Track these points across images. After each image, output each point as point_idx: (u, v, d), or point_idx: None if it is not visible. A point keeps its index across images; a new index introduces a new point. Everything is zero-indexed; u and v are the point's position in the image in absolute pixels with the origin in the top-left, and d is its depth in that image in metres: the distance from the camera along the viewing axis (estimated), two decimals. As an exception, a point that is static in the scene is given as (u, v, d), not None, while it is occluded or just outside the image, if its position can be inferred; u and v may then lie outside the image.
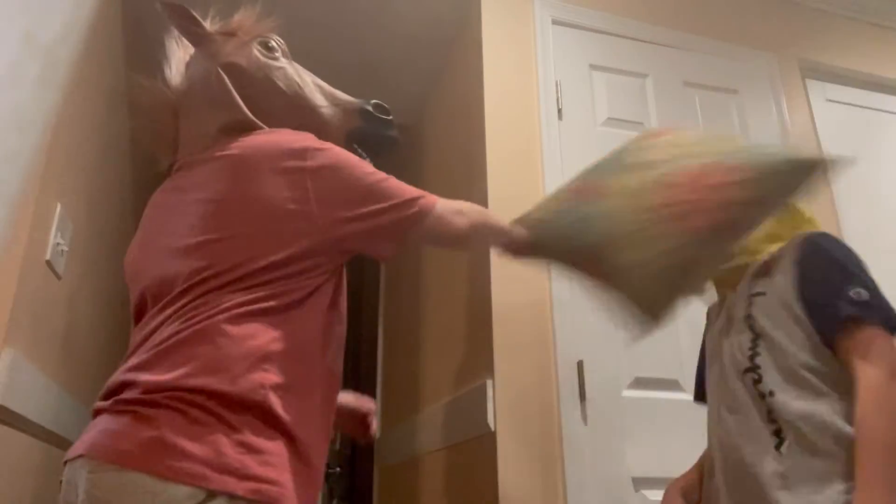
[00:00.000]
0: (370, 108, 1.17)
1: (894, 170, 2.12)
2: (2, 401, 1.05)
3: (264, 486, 0.79)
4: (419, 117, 2.56)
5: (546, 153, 1.73)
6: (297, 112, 1.10)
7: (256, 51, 1.11)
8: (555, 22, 1.91)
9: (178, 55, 1.15)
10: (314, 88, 1.14)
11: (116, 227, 1.87)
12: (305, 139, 0.97)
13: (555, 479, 1.44)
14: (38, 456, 1.30)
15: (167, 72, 1.13)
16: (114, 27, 1.74)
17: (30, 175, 1.18)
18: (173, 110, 1.10)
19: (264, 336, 0.86)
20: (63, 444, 1.46)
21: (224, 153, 0.96)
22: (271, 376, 0.84)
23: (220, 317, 0.85)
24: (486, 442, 1.49)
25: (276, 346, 0.86)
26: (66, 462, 0.85)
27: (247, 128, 1.04)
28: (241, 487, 0.77)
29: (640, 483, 1.48)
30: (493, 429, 1.46)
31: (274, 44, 1.14)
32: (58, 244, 1.31)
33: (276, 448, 0.83)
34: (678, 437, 1.54)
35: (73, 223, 1.43)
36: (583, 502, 1.43)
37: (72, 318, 1.48)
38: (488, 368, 1.53)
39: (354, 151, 1.13)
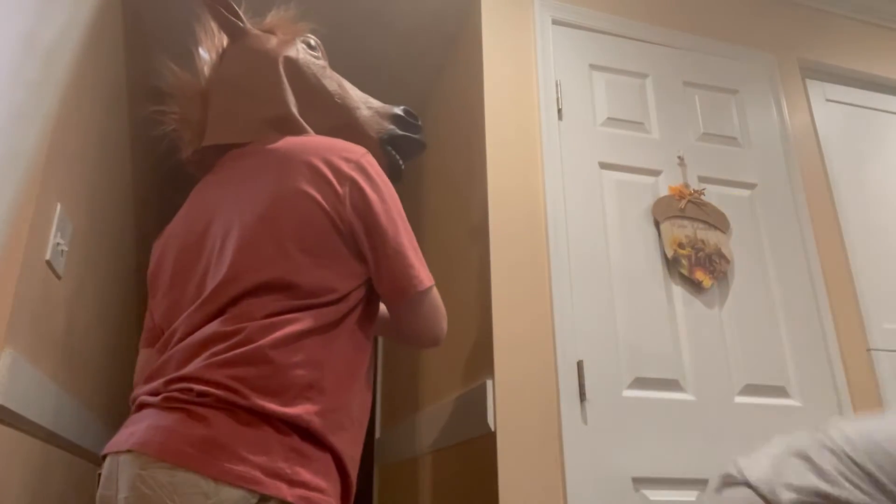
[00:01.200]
0: (402, 114, 1.20)
1: (894, 170, 2.12)
2: (2, 401, 1.05)
3: (314, 495, 0.80)
4: (419, 117, 2.56)
5: (546, 153, 1.73)
6: (340, 111, 1.12)
7: (302, 49, 1.13)
8: (555, 22, 1.91)
9: (208, 44, 1.15)
10: (350, 90, 1.16)
11: (116, 227, 1.87)
12: (364, 152, 0.99)
13: (555, 479, 1.44)
14: (38, 456, 1.30)
15: (198, 60, 1.13)
16: (114, 27, 1.74)
17: (30, 175, 1.17)
18: (203, 97, 1.10)
19: (309, 364, 0.85)
20: (63, 444, 1.46)
21: (277, 151, 0.97)
22: (314, 406, 0.84)
23: (266, 341, 0.84)
24: (486, 442, 1.49)
25: (319, 373, 0.86)
26: (104, 455, 0.84)
27: (293, 126, 1.05)
28: (291, 494, 0.77)
29: (640, 483, 1.48)
30: (493, 429, 1.46)
31: (314, 43, 1.16)
32: (58, 244, 1.31)
33: (322, 457, 0.84)
34: (678, 437, 1.54)
35: (73, 223, 1.42)
36: (583, 502, 1.43)
37: (72, 318, 1.48)
38: (488, 368, 1.53)
39: (388, 154, 1.15)
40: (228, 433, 0.78)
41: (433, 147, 2.31)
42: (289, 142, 0.98)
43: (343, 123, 1.12)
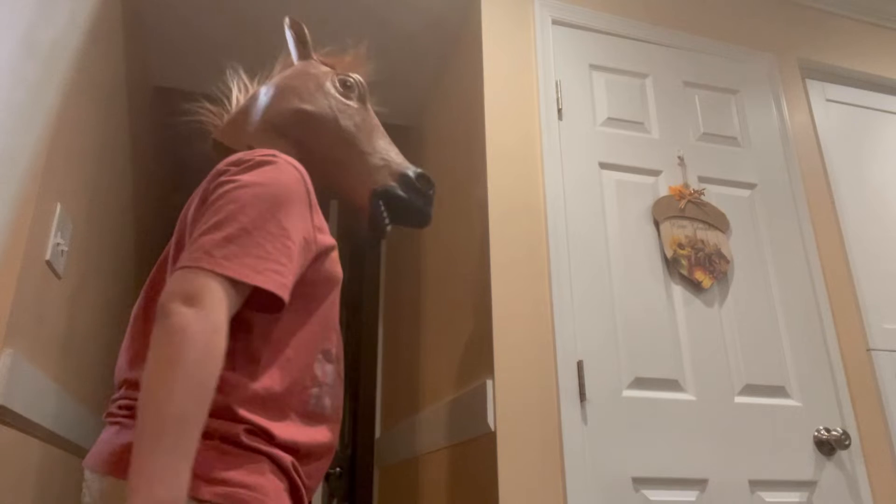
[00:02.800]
0: (411, 174, 1.13)
1: (894, 170, 2.12)
2: (2, 401, 1.05)
3: (237, 491, 0.76)
4: (420, 117, 2.57)
5: (546, 153, 1.73)
6: (342, 150, 1.11)
7: (332, 83, 1.16)
8: (555, 22, 1.91)
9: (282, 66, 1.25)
10: (372, 137, 1.14)
11: (116, 227, 1.87)
12: (269, 153, 0.92)
13: (555, 479, 1.44)
14: (38, 456, 1.30)
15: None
16: (114, 27, 1.73)
17: (30, 175, 1.17)
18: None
19: (247, 380, 0.82)
20: (63, 444, 1.46)
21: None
22: (232, 423, 0.79)
23: None
24: (486, 442, 1.49)
25: (233, 397, 0.81)
26: None
27: (260, 144, 1.08)
28: (209, 492, 0.74)
29: (640, 483, 1.48)
30: (493, 429, 1.46)
31: (351, 83, 1.17)
32: (58, 244, 1.31)
33: (254, 457, 0.80)
34: (678, 437, 1.54)
35: (73, 223, 1.43)
36: (583, 502, 1.43)
37: (72, 318, 1.48)
38: (488, 368, 1.53)
39: (374, 207, 1.10)
40: None
41: (434, 148, 2.31)
42: (234, 155, 0.96)
43: (342, 160, 1.11)
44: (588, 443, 1.49)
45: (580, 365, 1.54)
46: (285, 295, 0.82)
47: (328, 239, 0.95)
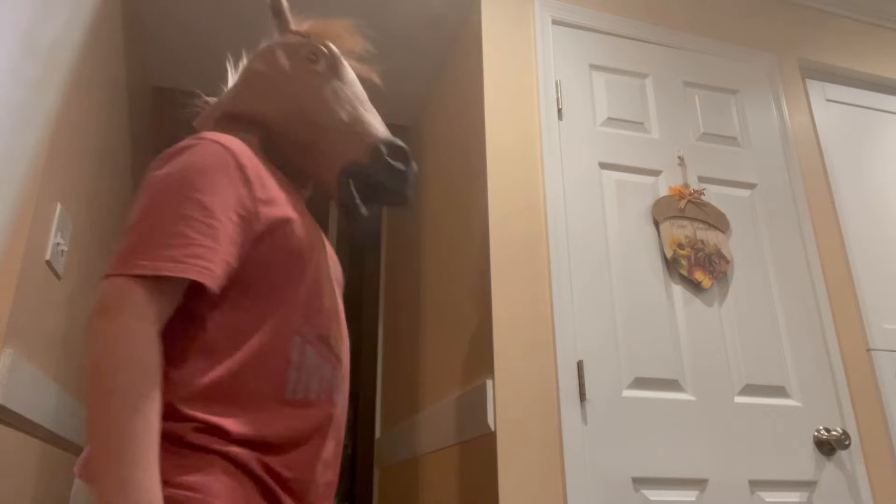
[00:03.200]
0: (382, 147, 0.97)
1: (894, 170, 2.12)
2: (2, 401, 1.05)
3: (180, 493, 0.73)
4: (419, 117, 2.57)
5: (546, 153, 1.73)
6: (305, 128, 1.01)
7: (296, 57, 1.06)
8: (555, 22, 1.91)
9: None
10: (343, 109, 1.02)
11: (116, 227, 1.87)
12: (193, 141, 0.87)
13: (555, 479, 1.44)
14: (38, 456, 1.30)
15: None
16: (113, 27, 1.73)
17: (30, 175, 1.17)
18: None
19: (197, 375, 0.79)
20: (63, 444, 1.46)
21: None
22: (178, 423, 0.77)
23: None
24: (486, 442, 1.49)
25: (197, 387, 0.79)
26: None
27: (205, 129, 1.04)
28: None
29: (640, 483, 1.48)
30: (493, 429, 1.46)
31: (318, 54, 1.06)
32: (58, 244, 1.31)
33: (205, 458, 0.76)
34: (678, 437, 1.54)
35: (73, 223, 1.43)
36: (583, 502, 1.43)
37: (72, 318, 1.48)
38: (488, 368, 1.53)
39: (345, 188, 0.96)
40: None
41: (434, 148, 2.31)
42: None
43: (308, 142, 1.00)
44: (588, 443, 1.49)
45: (580, 365, 1.54)
46: (209, 280, 0.77)
47: (279, 211, 0.87)
